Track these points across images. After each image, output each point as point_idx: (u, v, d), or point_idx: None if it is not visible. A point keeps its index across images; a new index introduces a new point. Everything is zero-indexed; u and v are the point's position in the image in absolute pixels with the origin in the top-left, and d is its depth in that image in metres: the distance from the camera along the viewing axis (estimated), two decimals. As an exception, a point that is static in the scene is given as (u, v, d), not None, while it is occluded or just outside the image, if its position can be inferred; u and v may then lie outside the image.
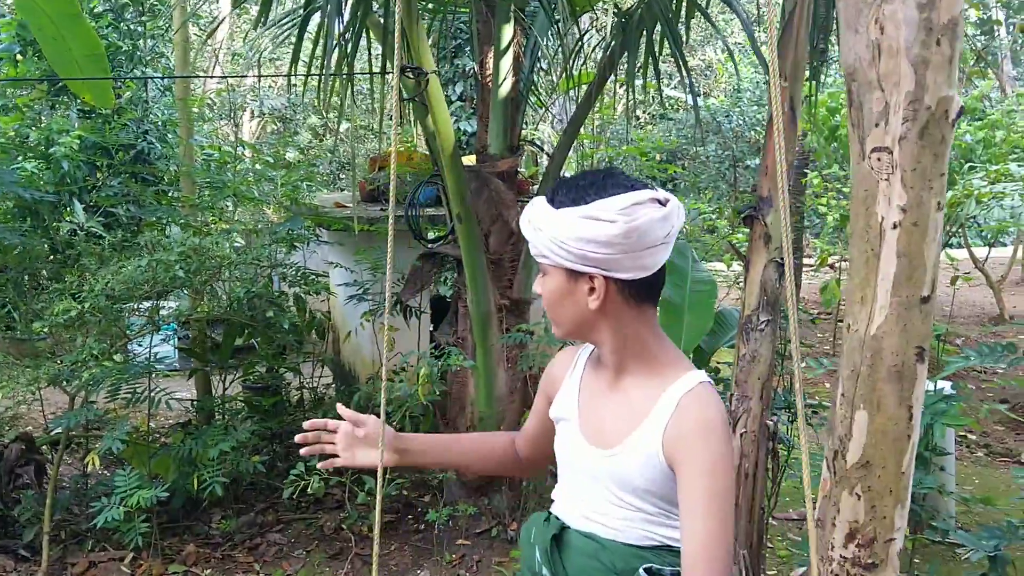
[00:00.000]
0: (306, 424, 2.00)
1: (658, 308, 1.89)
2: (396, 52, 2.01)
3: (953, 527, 4.59)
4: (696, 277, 3.83)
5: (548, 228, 1.75)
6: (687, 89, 4.73)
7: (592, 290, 1.76)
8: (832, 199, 9.39)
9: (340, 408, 2.05)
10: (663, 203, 1.75)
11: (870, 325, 2.29)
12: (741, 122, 18.02)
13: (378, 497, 1.97)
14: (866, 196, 2.25)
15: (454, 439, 2.24)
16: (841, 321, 9.39)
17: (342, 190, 10.91)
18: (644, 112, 19.07)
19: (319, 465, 2.02)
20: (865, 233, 2.28)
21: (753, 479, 3.58)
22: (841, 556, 2.41)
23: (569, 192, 1.76)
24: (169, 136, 8.49)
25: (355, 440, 1.99)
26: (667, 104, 19.06)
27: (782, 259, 3.57)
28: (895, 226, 2.19)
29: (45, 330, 3.99)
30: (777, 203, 3.57)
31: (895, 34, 2.12)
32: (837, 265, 9.13)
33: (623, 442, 1.80)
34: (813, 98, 5.14)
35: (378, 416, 2.01)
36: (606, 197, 1.71)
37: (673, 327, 3.75)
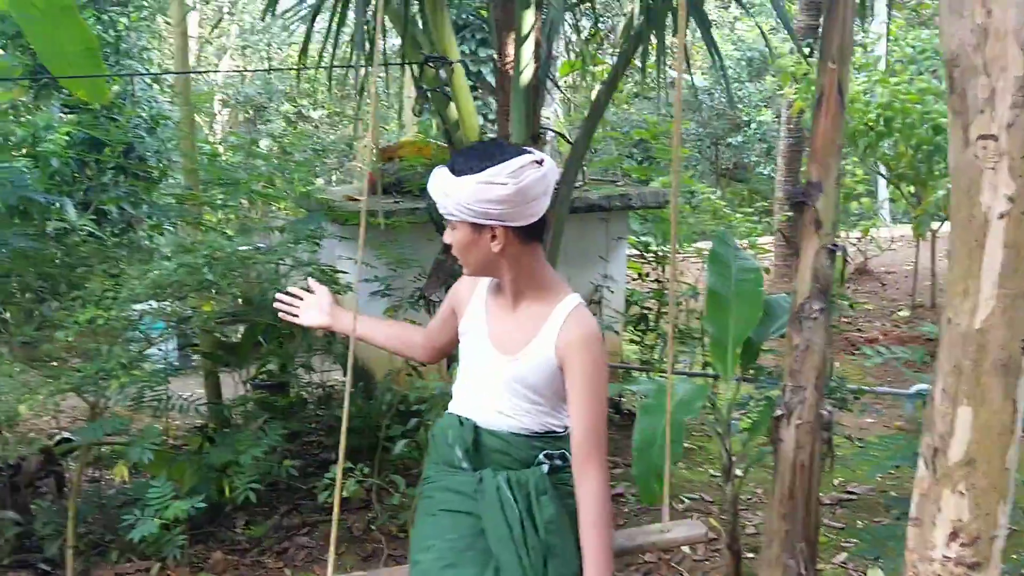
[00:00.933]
0: (279, 296, 2.78)
1: (543, 242, 2.38)
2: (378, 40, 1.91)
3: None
4: (741, 266, 3.75)
5: (453, 193, 2.21)
6: (718, 69, 4.64)
7: (494, 238, 2.24)
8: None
9: (310, 281, 2.88)
10: (540, 163, 2.20)
11: (974, 318, 2.22)
12: (722, 100, 17.97)
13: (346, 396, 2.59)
14: (970, 185, 2.17)
15: (381, 321, 2.89)
16: (843, 298, 9.40)
17: (344, 181, 10.81)
18: (620, 91, 18.89)
19: (280, 316, 2.78)
20: (968, 223, 2.20)
21: (809, 470, 3.52)
22: (943, 556, 2.34)
23: (467, 162, 2.22)
24: (159, 131, 8.28)
25: (307, 307, 2.73)
26: (648, 82, 18.90)
27: (834, 245, 3.50)
28: (1001, 216, 2.12)
29: (70, 338, 3.84)
30: (827, 188, 3.49)
31: (1003, 16, 2.04)
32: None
33: (523, 349, 2.33)
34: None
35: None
36: (498, 163, 2.17)
37: (720, 318, 3.66)
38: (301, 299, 2.73)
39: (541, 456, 2.36)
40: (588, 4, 5.22)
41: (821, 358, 3.53)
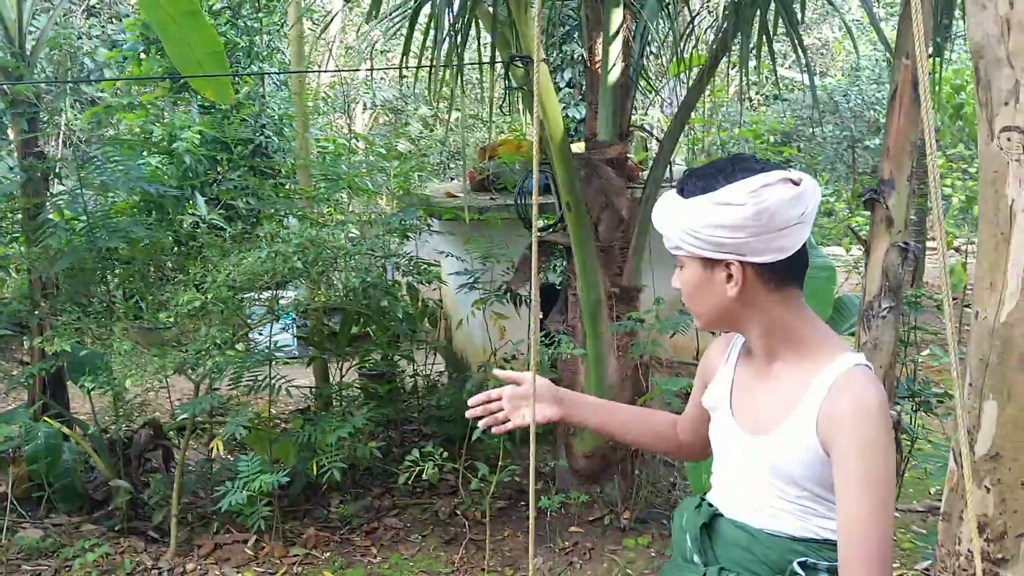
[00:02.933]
0: (471, 401, 2.05)
1: (802, 289, 1.84)
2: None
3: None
4: (814, 263, 3.72)
5: (680, 219, 1.74)
6: (802, 68, 4.60)
7: (729, 276, 1.73)
8: (957, 180, 9.05)
9: (496, 372, 2.12)
10: (796, 183, 1.71)
11: (1000, 312, 2.19)
12: (860, 101, 17.46)
13: (531, 449, 1.89)
14: (995, 178, 2.15)
15: (618, 406, 2.20)
16: (968, 307, 9.06)
17: (452, 179, 11.01)
18: (757, 93, 18.63)
19: (493, 430, 2.05)
20: (994, 216, 2.18)
21: (875, 471, 3.48)
22: (969, 551, 2.33)
23: (699, 181, 1.74)
24: (285, 130, 8.70)
25: (519, 400, 2.04)
26: (781, 85, 18.58)
27: (905, 243, 3.46)
28: (1026, 209, 2.10)
29: (171, 319, 4.14)
30: (899, 185, 3.45)
31: (1026, 7, 2.03)
32: (963, 248, 8.78)
33: (777, 428, 1.78)
34: (937, 76, 4.95)
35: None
36: (735, 181, 1.69)
37: (789, 313, 3.66)
38: (498, 399, 2.07)
39: (795, 565, 1.76)
40: (682, 4, 5.25)
41: (890, 357, 3.49)
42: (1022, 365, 2.17)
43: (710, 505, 1.92)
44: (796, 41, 4.39)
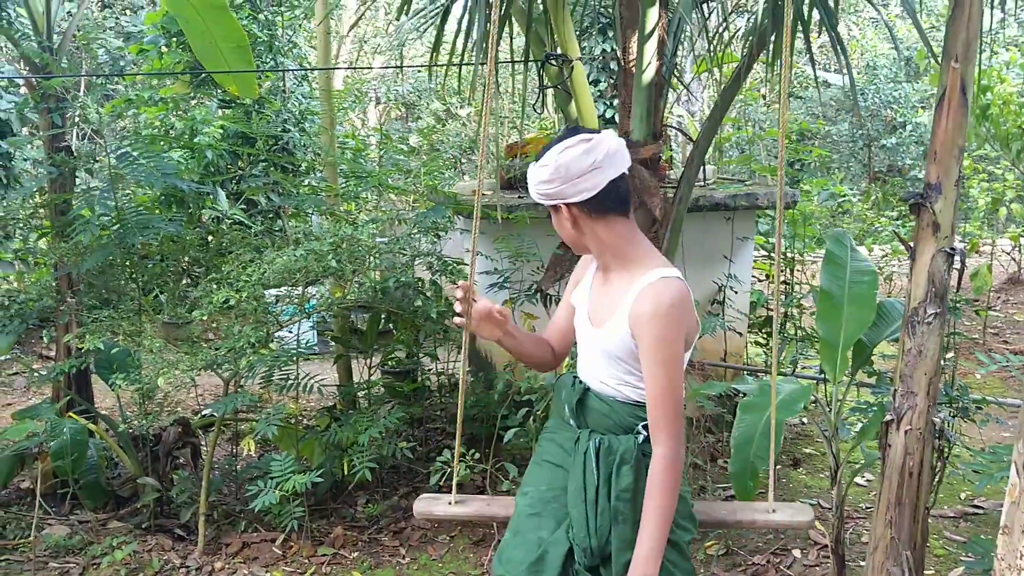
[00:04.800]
0: (461, 283, 2.51)
1: (629, 216, 2.42)
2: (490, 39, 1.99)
3: None
4: (856, 267, 3.68)
5: (531, 181, 2.40)
6: (840, 67, 4.55)
7: (567, 217, 2.39)
8: (983, 181, 9.00)
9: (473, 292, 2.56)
10: (589, 140, 2.31)
11: (1070, 324, 2.17)
12: (876, 100, 17.38)
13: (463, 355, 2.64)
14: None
15: (529, 337, 2.71)
16: (992, 309, 9.01)
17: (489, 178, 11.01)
18: (771, 91, 18.54)
19: (454, 321, 2.55)
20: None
21: (918, 477, 3.43)
22: (1033, 566, 2.29)
23: (539, 153, 2.39)
24: (307, 125, 8.66)
25: (483, 317, 2.52)
26: (796, 82, 18.53)
27: (952, 249, 3.41)
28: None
29: (203, 316, 4.11)
30: (946, 190, 3.40)
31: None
32: (988, 250, 8.73)
33: (606, 323, 2.43)
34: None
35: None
36: (551, 147, 2.35)
37: (832, 319, 3.61)
38: (475, 301, 2.53)
39: (640, 426, 2.44)
40: (716, 2, 5.20)
41: (934, 364, 3.44)
42: (1093, 378, 2.15)
43: (581, 382, 2.55)
44: (834, 37, 4.33)
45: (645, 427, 2.42)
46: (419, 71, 18.19)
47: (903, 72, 17.88)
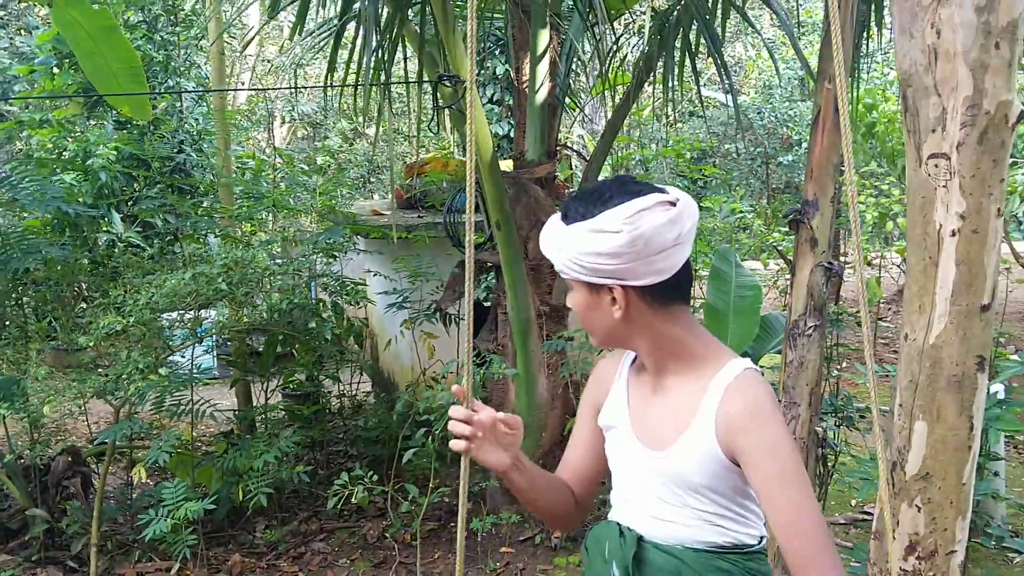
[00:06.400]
0: (458, 414, 1.82)
1: (689, 304, 1.86)
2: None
3: (1007, 533, 4.52)
4: (740, 282, 3.79)
5: (563, 245, 1.75)
6: (724, 88, 4.68)
7: (613, 300, 1.75)
8: (870, 196, 9.32)
9: (455, 388, 1.88)
10: (673, 204, 1.72)
11: (928, 334, 2.25)
12: (773, 119, 17.88)
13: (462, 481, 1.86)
14: (923, 203, 2.22)
15: (547, 476, 2.03)
16: (881, 320, 9.31)
17: (375, 195, 10.98)
18: (672, 111, 18.86)
19: (451, 445, 1.83)
20: (923, 241, 2.24)
21: (802, 486, 3.53)
22: (901, 569, 2.37)
23: (579, 207, 1.74)
24: (204, 146, 8.54)
25: (487, 439, 1.85)
26: (694, 102, 18.89)
27: (829, 263, 3.53)
28: (953, 233, 2.15)
29: (90, 343, 4.02)
30: (823, 206, 3.53)
31: (952, 38, 2.08)
32: (876, 263, 9.04)
33: (677, 440, 1.77)
34: (851, 95, 5.09)
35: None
36: (612, 207, 1.70)
37: (718, 332, 3.71)
38: (474, 420, 1.84)
39: None
40: (607, 25, 5.30)
41: (815, 375, 3.56)
42: (951, 386, 2.24)
43: (631, 530, 1.86)
44: (719, 62, 4.46)
45: None
46: (331, 92, 18.11)
47: (798, 91, 18.42)
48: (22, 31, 15.03)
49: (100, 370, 4.68)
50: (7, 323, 4.82)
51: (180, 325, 4.61)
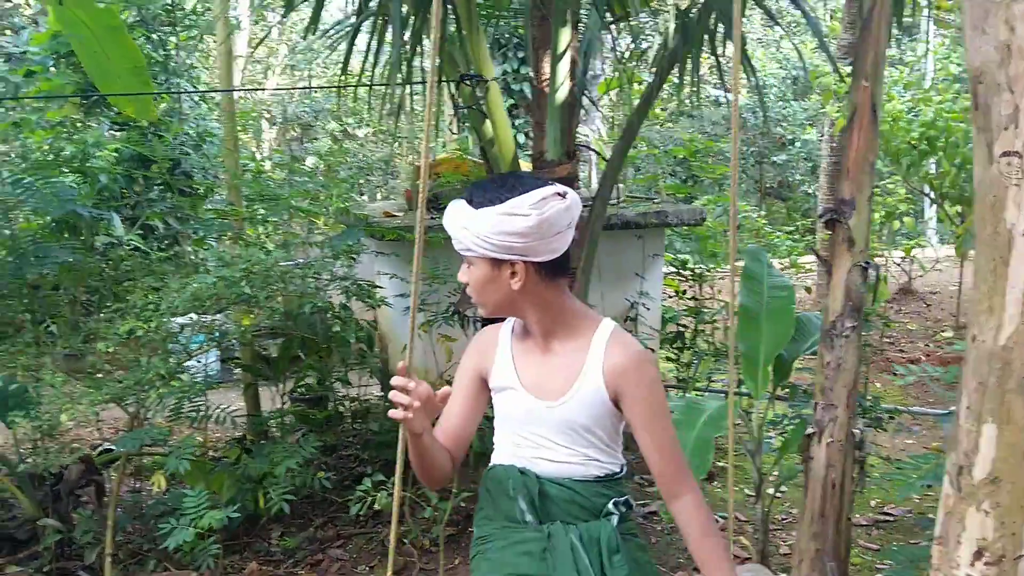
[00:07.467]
0: (398, 382, 2.02)
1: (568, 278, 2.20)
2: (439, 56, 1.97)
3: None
4: (773, 283, 3.74)
5: (472, 226, 2.05)
6: (754, 89, 4.65)
7: (514, 274, 2.08)
8: (876, 194, 9.31)
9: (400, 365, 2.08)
10: (563, 195, 2.06)
11: (999, 335, 2.20)
12: (767, 118, 17.87)
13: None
14: (994, 202, 2.16)
15: (436, 442, 2.23)
16: (885, 319, 9.30)
17: (387, 197, 10.91)
18: (663, 110, 18.88)
19: (389, 413, 2.03)
20: (993, 240, 2.19)
21: (840, 489, 3.49)
22: (967, 575, 2.33)
23: (486, 193, 2.07)
24: (204, 147, 8.44)
25: (420, 408, 2.04)
26: (688, 101, 18.80)
27: (866, 263, 3.49)
28: (1026, 233, 2.11)
29: (108, 349, 3.94)
30: (860, 205, 3.48)
31: (1027, 34, 2.04)
32: (884, 263, 9.06)
33: (569, 390, 2.14)
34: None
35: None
36: (519, 194, 2.03)
37: (751, 335, 3.66)
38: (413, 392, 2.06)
39: (610, 505, 2.18)
40: (626, 23, 5.26)
41: (853, 376, 3.51)
42: (1021, 388, 2.19)
43: (530, 471, 2.19)
44: (744, 61, 4.42)
45: (616, 505, 2.19)
46: (315, 91, 18.01)
47: (791, 91, 18.45)
48: (7, 31, 14.87)
49: (107, 375, 4.60)
50: (19, 329, 4.72)
51: (199, 329, 4.52)
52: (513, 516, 2.20)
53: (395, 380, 2.03)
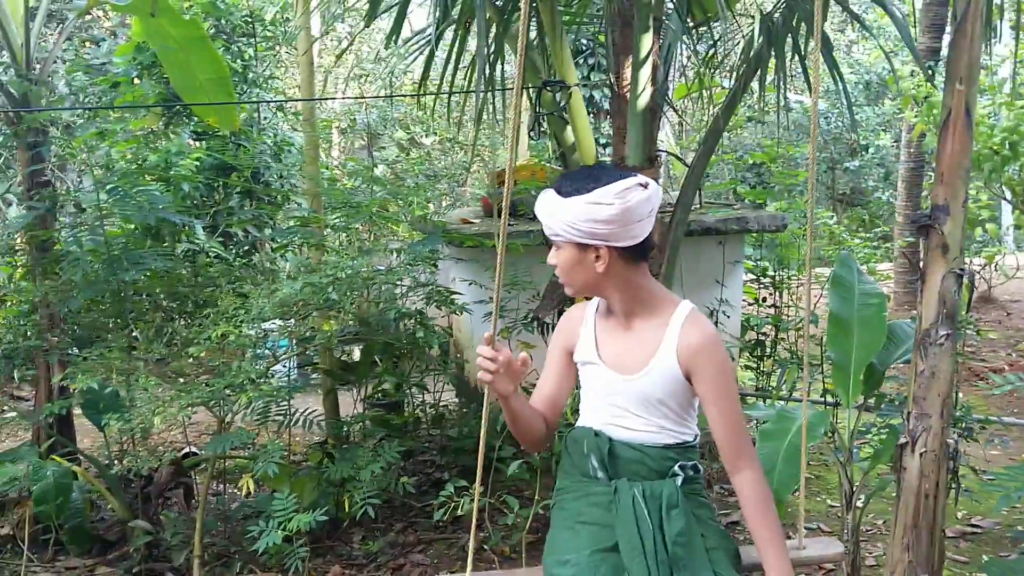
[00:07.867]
0: (486, 340, 2.31)
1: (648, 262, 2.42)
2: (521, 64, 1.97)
3: None
4: (864, 290, 3.68)
5: (560, 213, 2.29)
6: (842, 93, 4.58)
7: (598, 258, 2.31)
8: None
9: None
10: (645, 186, 2.28)
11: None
12: (839, 124, 17.62)
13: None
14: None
15: (530, 405, 2.53)
16: (972, 327, 9.08)
17: (455, 205, 11.00)
18: (735, 114, 18.63)
19: (478, 376, 2.29)
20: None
21: (934, 500, 3.41)
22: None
23: (573, 183, 2.30)
24: (282, 157, 8.58)
25: (504, 373, 2.30)
26: (757, 107, 18.57)
27: (961, 269, 3.41)
28: None
29: (202, 353, 4.02)
30: (954, 211, 3.41)
31: None
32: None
33: (644, 367, 2.38)
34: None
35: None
36: (604, 185, 2.25)
37: (843, 343, 3.60)
38: (497, 359, 2.31)
39: (676, 467, 2.42)
40: (706, 27, 5.22)
41: (947, 386, 3.43)
42: None
43: (604, 433, 2.45)
44: (831, 65, 4.36)
45: (682, 468, 2.43)
46: (390, 99, 18.18)
47: (864, 96, 18.14)
48: (86, 43, 15.26)
49: (192, 379, 4.68)
50: (111, 334, 4.84)
51: (285, 334, 4.60)
52: (586, 471, 2.48)
53: (481, 348, 2.28)
